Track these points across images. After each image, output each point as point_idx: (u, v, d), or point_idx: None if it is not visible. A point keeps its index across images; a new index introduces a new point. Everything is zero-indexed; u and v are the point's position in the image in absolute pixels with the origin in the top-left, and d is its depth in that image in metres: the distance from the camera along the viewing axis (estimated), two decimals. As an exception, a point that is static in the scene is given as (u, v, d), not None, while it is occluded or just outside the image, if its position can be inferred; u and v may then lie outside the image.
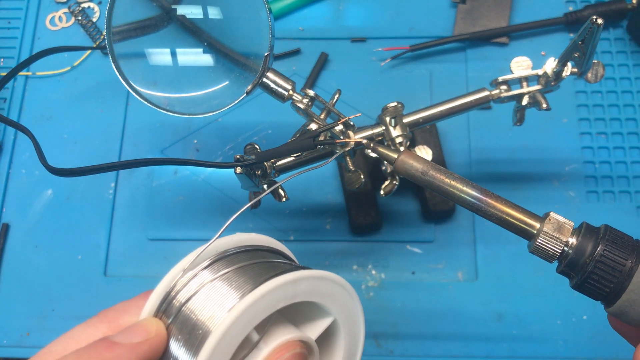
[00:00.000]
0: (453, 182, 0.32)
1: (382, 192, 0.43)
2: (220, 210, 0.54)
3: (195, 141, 0.56)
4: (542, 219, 0.30)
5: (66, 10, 0.61)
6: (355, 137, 0.42)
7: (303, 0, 0.60)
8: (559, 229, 0.30)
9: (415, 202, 0.53)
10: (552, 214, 0.30)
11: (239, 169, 0.36)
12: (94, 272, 0.52)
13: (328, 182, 0.54)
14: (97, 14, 0.61)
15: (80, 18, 0.60)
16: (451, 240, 0.52)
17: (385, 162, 0.42)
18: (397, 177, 0.43)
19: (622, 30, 0.58)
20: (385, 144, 0.43)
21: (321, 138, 0.38)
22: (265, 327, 0.26)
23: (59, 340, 0.26)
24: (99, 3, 0.62)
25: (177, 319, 0.25)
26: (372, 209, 0.51)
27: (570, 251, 0.29)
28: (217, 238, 0.27)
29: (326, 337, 0.29)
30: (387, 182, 0.43)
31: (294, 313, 0.28)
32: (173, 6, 0.40)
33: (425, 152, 0.43)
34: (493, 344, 0.49)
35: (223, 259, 0.27)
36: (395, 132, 0.42)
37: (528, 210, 0.31)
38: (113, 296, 0.51)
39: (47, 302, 0.52)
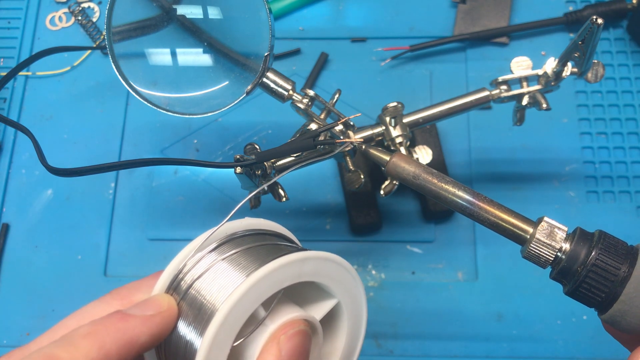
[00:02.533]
0: (445, 186, 0.31)
1: (382, 192, 0.43)
2: (220, 210, 0.54)
3: (195, 141, 0.56)
4: (536, 224, 0.30)
5: (66, 10, 0.61)
6: (352, 138, 0.42)
7: (303, 0, 0.60)
8: (552, 235, 0.29)
9: (415, 202, 0.53)
10: (546, 219, 0.30)
11: (238, 169, 0.36)
12: (93, 272, 0.52)
13: (328, 182, 0.54)
14: (97, 14, 0.61)
15: (80, 18, 0.60)
16: (451, 240, 0.52)
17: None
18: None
19: (622, 30, 0.58)
20: (386, 144, 0.43)
21: (321, 138, 0.38)
22: (271, 305, 0.26)
23: (72, 315, 0.27)
24: (99, 3, 0.62)
25: (186, 297, 0.26)
26: (372, 209, 0.51)
27: (563, 257, 0.29)
28: (226, 221, 0.28)
29: (330, 320, 0.30)
30: (387, 182, 0.43)
31: (299, 296, 0.29)
32: (173, 6, 0.40)
33: (425, 152, 0.43)
34: (493, 344, 0.49)
35: (232, 240, 0.28)
36: (395, 132, 0.42)
37: (521, 214, 0.31)
38: (113, 296, 0.51)
39: (47, 302, 0.52)
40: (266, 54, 0.37)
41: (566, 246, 0.29)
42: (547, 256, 0.29)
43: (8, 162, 0.56)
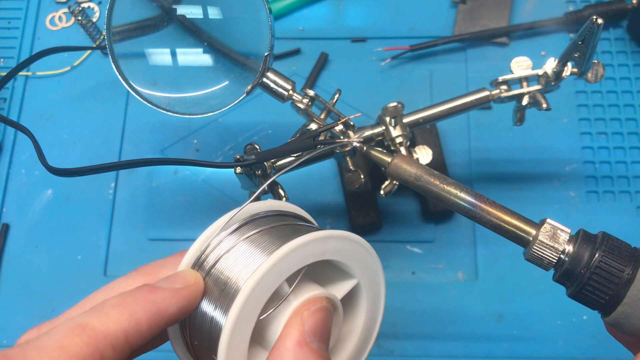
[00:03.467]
0: (447, 188, 0.31)
1: (382, 192, 0.43)
2: (220, 210, 0.54)
3: (195, 141, 0.56)
4: (538, 225, 0.30)
5: (66, 10, 0.61)
6: (353, 138, 0.42)
7: (303, 0, 0.60)
8: (554, 237, 0.29)
9: (415, 202, 0.53)
10: (549, 221, 0.29)
11: (238, 169, 0.36)
12: (93, 272, 0.52)
13: (328, 182, 0.54)
14: (97, 14, 0.61)
15: (80, 18, 0.60)
16: (451, 241, 0.52)
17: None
18: (397, 177, 0.43)
19: (622, 30, 0.58)
20: (386, 144, 0.43)
21: (321, 138, 0.38)
22: (294, 282, 0.27)
23: (100, 290, 0.27)
24: (99, 3, 0.62)
25: (211, 274, 0.27)
26: (372, 209, 0.51)
27: (566, 259, 0.28)
28: (250, 202, 0.29)
29: (349, 300, 0.30)
30: (387, 182, 0.43)
31: (320, 276, 0.30)
32: (173, 6, 0.40)
33: (425, 152, 0.43)
34: (493, 344, 0.49)
35: (254, 221, 0.29)
36: (395, 132, 0.42)
37: (524, 216, 0.30)
38: (113, 296, 0.51)
39: (47, 302, 0.52)
40: (266, 54, 0.37)
41: (569, 248, 0.29)
42: (550, 258, 0.29)
43: (8, 162, 0.56)
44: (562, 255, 0.29)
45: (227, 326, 0.24)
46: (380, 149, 0.34)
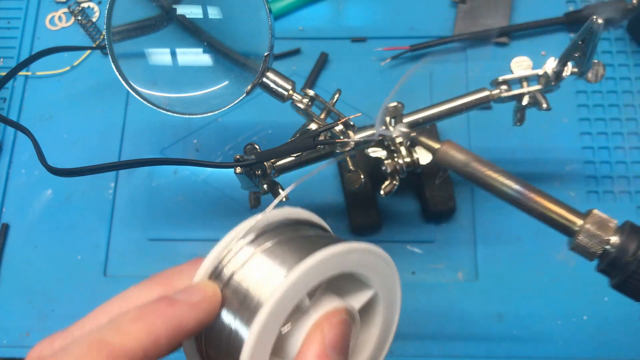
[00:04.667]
0: (495, 175, 0.31)
1: (382, 192, 0.43)
2: (220, 210, 0.54)
3: (195, 141, 0.56)
4: (585, 215, 0.30)
5: (66, 10, 0.61)
6: (352, 138, 0.42)
7: (303, 0, 0.60)
8: (601, 227, 0.29)
9: (415, 202, 0.53)
10: (595, 211, 0.30)
11: (238, 169, 0.36)
12: (93, 272, 0.52)
13: (328, 182, 0.54)
14: (97, 14, 0.61)
15: (80, 18, 0.60)
16: (451, 241, 0.52)
17: (385, 161, 0.42)
18: (397, 177, 0.43)
19: (623, 30, 0.58)
20: (386, 144, 0.43)
21: (321, 138, 0.38)
22: (314, 295, 0.27)
23: (112, 300, 0.27)
24: (99, 3, 0.62)
25: (229, 285, 0.27)
26: (372, 209, 0.51)
27: (612, 250, 0.29)
28: (270, 210, 0.28)
29: (365, 309, 0.30)
30: (387, 182, 0.43)
31: (337, 286, 0.29)
32: (173, 6, 0.40)
33: (425, 152, 0.43)
34: (493, 344, 0.49)
35: (272, 230, 0.29)
36: (396, 132, 0.42)
37: (570, 206, 0.31)
38: (113, 296, 0.51)
39: (46, 302, 0.52)
40: (266, 53, 0.37)
41: (615, 239, 0.29)
42: (596, 248, 0.29)
43: (8, 162, 0.56)
44: (607, 246, 0.29)
45: (250, 339, 0.24)
46: (428, 136, 0.34)
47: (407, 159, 0.42)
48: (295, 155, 0.41)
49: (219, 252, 0.28)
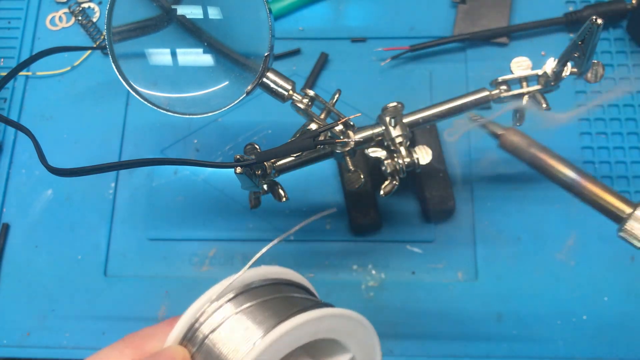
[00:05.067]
0: (553, 162, 0.33)
1: (382, 192, 0.43)
2: (220, 210, 0.54)
3: (195, 141, 0.56)
4: (635, 204, 0.31)
5: (66, 10, 0.61)
6: (352, 138, 0.42)
7: (303, 0, 0.60)
8: None
9: (415, 202, 0.53)
10: None
11: (238, 169, 0.36)
12: (94, 272, 0.52)
13: (328, 182, 0.54)
14: (97, 14, 0.61)
15: (80, 18, 0.60)
16: (451, 240, 0.52)
17: (385, 161, 0.43)
18: (397, 177, 0.43)
19: (622, 31, 0.58)
20: (386, 144, 0.43)
21: (321, 138, 0.39)
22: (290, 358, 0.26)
23: None
24: (99, 3, 0.62)
25: (201, 349, 0.26)
26: (372, 209, 0.51)
27: None
28: (244, 271, 0.28)
29: None
30: (387, 182, 0.43)
31: (313, 348, 0.29)
32: (173, 6, 0.40)
33: (425, 152, 0.43)
34: (493, 344, 0.49)
35: (248, 291, 0.28)
36: (395, 132, 0.42)
37: (621, 194, 0.32)
38: (113, 296, 0.51)
39: (47, 302, 0.52)
40: (266, 54, 0.38)
41: None
42: None
43: (8, 162, 0.56)
44: None
45: None
46: (494, 122, 0.36)
47: (407, 159, 0.42)
48: (295, 155, 0.41)
49: (192, 315, 0.27)
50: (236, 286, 0.28)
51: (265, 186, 0.41)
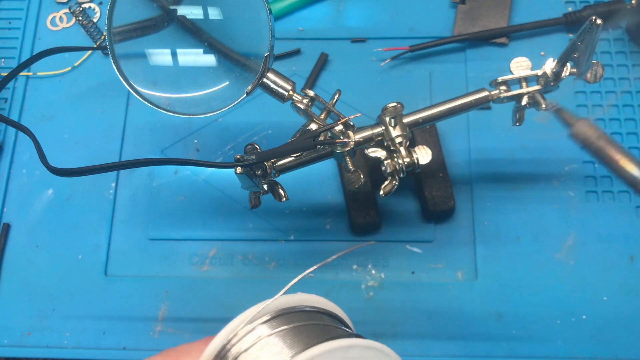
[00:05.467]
0: (618, 156, 0.33)
1: (381, 192, 0.43)
2: (221, 210, 0.54)
3: (196, 141, 0.56)
4: None
5: (67, 10, 0.61)
6: (352, 138, 0.42)
7: (303, 1, 0.60)
8: None
9: (415, 202, 0.53)
10: None
11: (239, 169, 0.36)
12: (94, 272, 0.53)
13: (328, 182, 0.54)
14: (98, 15, 0.61)
15: (81, 18, 0.61)
16: (451, 240, 0.52)
17: (385, 161, 0.43)
18: (397, 177, 0.43)
19: (622, 31, 0.58)
20: (385, 144, 0.43)
21: (321, 138, 0.39)
22: None
23: None
24: (100, 4, 0.62)
25: None
26: (372, 209, 0.51)
27: None
28: (281, 295, 0.28)
29: None
30: (387, 182, 0.43)
31: None
32: (173, 7, 0.40)
33: (425, 152, 0.43)
34: (493, 343, 0.49)
35: (282, 315, 0.28)
36: (395, 132, 0.42)
37: None
38: (113, 296, 0.52)
39: (47, 301, 0.52)
40: (266, 54, 0.38)
41: None
42: None
43: (9, 162, 0.56)
44: None
45: None
46: (568, 110, 0.37)
47: (407, 159, 0.42)
48: (295, 155, 0.42)
49: (225, 335, 0.28)
50: (270, 310, 0.29)
51: (265, 186, 0.41)
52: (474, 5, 0.59)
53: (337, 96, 0.40)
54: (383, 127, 0.43)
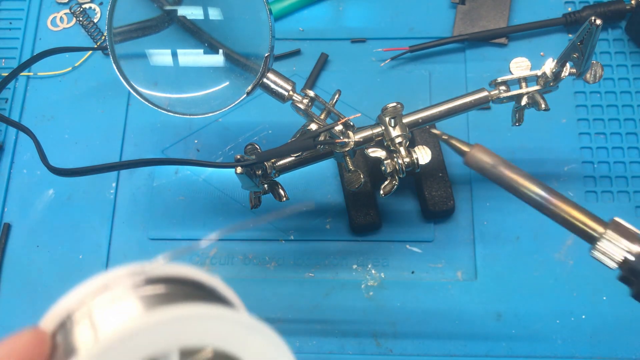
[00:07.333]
0: (521, 180, 0.32)
1: (381, 192, 0.43)
2: (221, 210, 0.54)
3: (196, 141, 0.56)
4: (607, 223, 0.30)
5: (67, 11, 0.62)
6: (352, 138, 0.42)
7: (303, 1, 0.60)
8: (623, 235, 0.29)
9: (415, 202, 0.53)
10: (617, 220, 0.30)
11: (239, 169, 0.36)
12: (95, 272, 0.52)
13: (328, 182, 0.54)
14: (98, 15, 0.61)
15: (81, 19, 0.61)
16: (451, 240, 0.52)
17: (385, 161, 0.43)
18: (396, 177, 0.43)
19: (621, 31, 0.58)
20: (385, 144, 0.43)
21: (321, 138, 0.39)
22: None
23: None
24: (100, 4, 0.62)
25: (66, 334, 0.23)
26: (372, 209, 0.51)
27: (632, 259, 0.29)
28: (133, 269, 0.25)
29: None
30: (386, 182, 0.43)
31: None
32: (174, 7, 0.40)
33: (424, 152, 0.43)
34: (492, 343, 0.49)
35: (148, 284, 0.24)
36: (395, 132, 0.43)
37: (593, 213, 0.31)
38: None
39: (48, 301, 0.51)
40: (266, 54, 0.38)
41: (636, 247, 0.29)
42: (616, 256, 0.29)
43: (10, 162, 0.56)
44: (628, 255, 0.29)
45: None
46: (459, 139, 0.35)
47: (407, 159, 0.42)
48: (295, 155, 0.42)
49: (71, 301, 0.24)
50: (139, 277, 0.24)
51: (265, 186, 0.41)
52: (473, 6, 0.59)
53: (337, 96, 0.40)
54: (383, 127, 0.43)
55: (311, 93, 0.39)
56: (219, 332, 0.21)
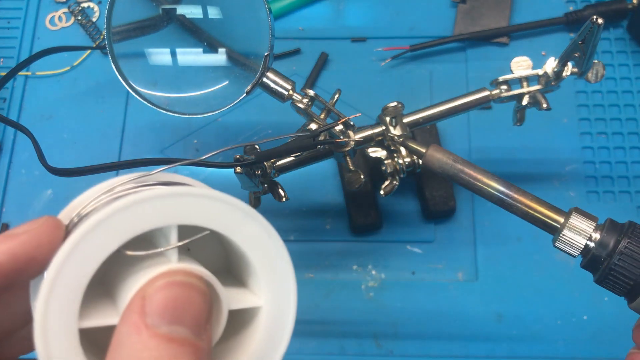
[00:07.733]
0: (480, 176, 0.33)
1: (382, 192, 0.43)
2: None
3: (195, 141, 0.56)
4: (567, 214, 0.31)
5: (66, 10, 0.61)
6: (352, 138, 0.42)
7: (303, 0, 0.60)
8: (582, 224, 0.30)
9: (415, 202, 0.53)
10: (576, 209, 0.31)
11: (238, 169, 0.36)
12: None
13: (328, 182, 0.54)
14: (97, 14, 0.61)
15: (80, 18, 0.60)
16: (451, 241, 0.52)
17: (385, 161, 0.43)
18: (397, 177, 0.43)
19: (623, 30, 0.58)
20: (386, 144, 0.43)
21: (321, 138, 0.39)
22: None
23: None
24: (99, 3, 0.62)
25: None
26: (372, 209, 0.51)
27: (593, 245, 0.30)
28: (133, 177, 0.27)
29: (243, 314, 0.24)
30: (387, 182, 0.43)
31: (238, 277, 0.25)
32: (173, 6, 0.40)
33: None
34: (493, 344, 0.49)
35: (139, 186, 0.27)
36: (395, 132, 0.42)
37: (553, 205, 0.32)
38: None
39: (46, 302, 0.52)
40: (266, 53, 0.37)
41: (596, 235, 0.30)
42: (578, 244, 0.30)
43: (8, 162, 0.56)
44: (589, 242, 0.30)
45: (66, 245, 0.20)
46: (416, 141, 0.36)
47: (407, 159, 0.42)
48: (295, 155, 0.41)
49: (82, 200, 0.26)
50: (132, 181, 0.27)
51: (265, 186, 0.41)
52: (474, 5, 0.58)
53: (337, 96, 0.40)
54: (383, 127, 0.43)
55: (311, 92, 0.39)
56: (215, 214, 0.22)
